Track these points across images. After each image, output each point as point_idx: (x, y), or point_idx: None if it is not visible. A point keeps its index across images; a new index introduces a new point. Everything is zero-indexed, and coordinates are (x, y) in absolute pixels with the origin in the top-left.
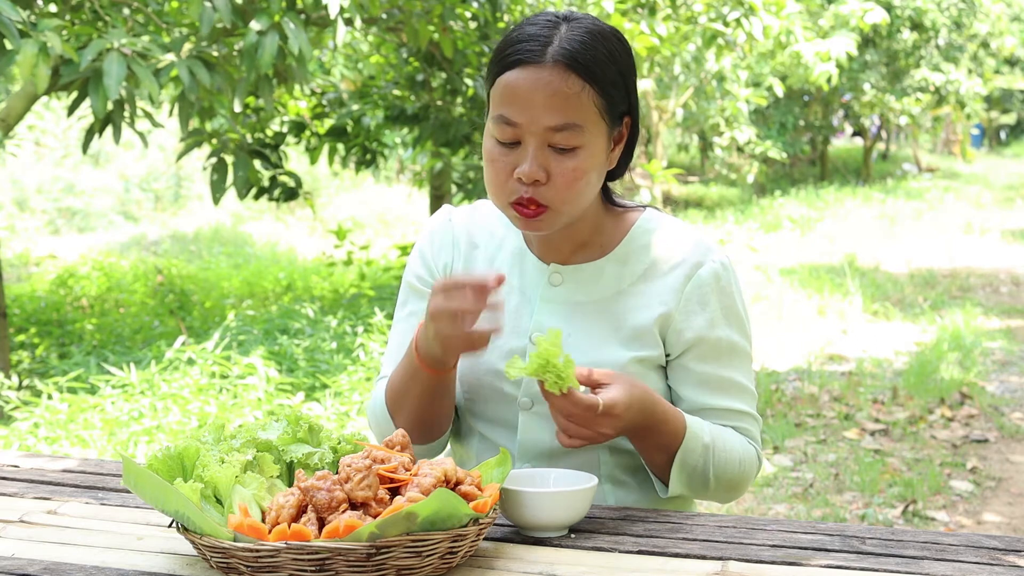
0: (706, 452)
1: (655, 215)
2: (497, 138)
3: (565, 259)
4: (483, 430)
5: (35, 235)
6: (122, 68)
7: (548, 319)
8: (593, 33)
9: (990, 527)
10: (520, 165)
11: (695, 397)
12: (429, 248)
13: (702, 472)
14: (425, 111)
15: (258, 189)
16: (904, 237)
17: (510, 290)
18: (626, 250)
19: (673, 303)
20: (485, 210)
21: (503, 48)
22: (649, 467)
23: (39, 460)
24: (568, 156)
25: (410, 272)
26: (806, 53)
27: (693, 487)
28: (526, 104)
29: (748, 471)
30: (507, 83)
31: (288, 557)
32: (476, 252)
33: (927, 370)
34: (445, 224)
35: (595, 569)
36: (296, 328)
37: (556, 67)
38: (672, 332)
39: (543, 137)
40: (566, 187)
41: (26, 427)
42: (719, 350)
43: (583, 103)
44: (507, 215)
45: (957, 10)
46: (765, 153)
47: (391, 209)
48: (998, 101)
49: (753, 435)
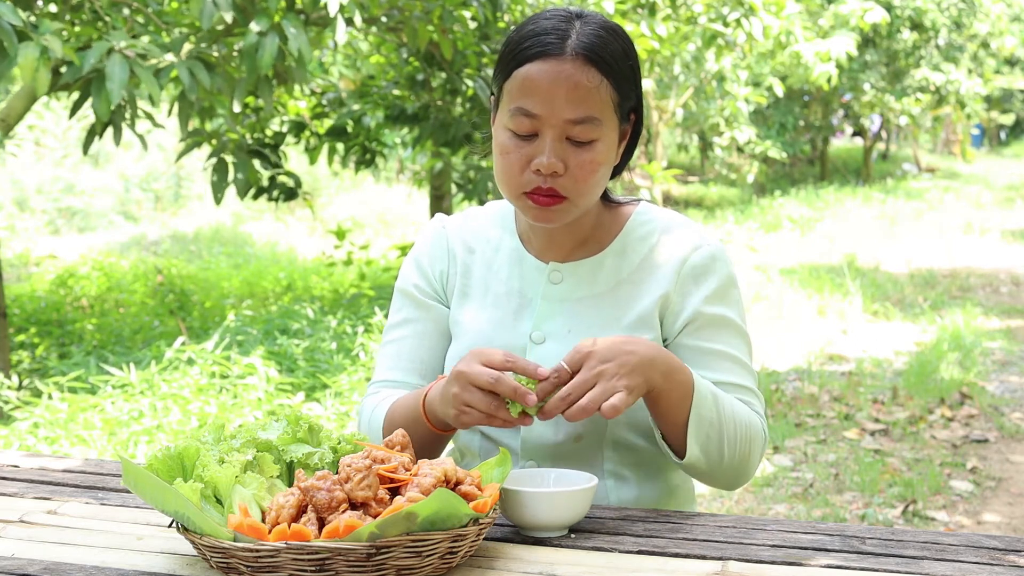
0: (716, 403)
1: (649, 207)
2: (513, 130)
3: (564, 257)
4: (485, 429)
5: (35, 235)
6: (125, 71)
7: (549, 317)
8: (607, 29)
9: (990, 527)
10: (537, 157)
11: (696, 372)
12: (426, 257)
13: (718, 426)
14: (425, 111)
15: (258, 189)
16: (904, 237)
17: (510, 291)
18: (623, 243)
19: (670, 285)
20: (478, 215)
21: (518, 42)
22: (665, 431)
23: (39, 460)
24: (585, 149)
25: (405, 280)
26: (806, 53)
27: (709, 450)
28: (547, 96)
29: (755, 438)
30: (526, 75)
31: (288, 557)
32: (473, 257)
33: (927, 370)
34: (439, 233)
35: (595, 569)
36: (296, 328)
37: (577, 60)
38: (670, 314)
39: (562, 129)
40: (583, 179)
41: (26, 427)
42: (715, 325)
43: (601, 97)
44: (519, 206)
45: (957, 10)
46: (765, 153)
47: (391, 209)
48: (998, 101)
49: (755, 407)
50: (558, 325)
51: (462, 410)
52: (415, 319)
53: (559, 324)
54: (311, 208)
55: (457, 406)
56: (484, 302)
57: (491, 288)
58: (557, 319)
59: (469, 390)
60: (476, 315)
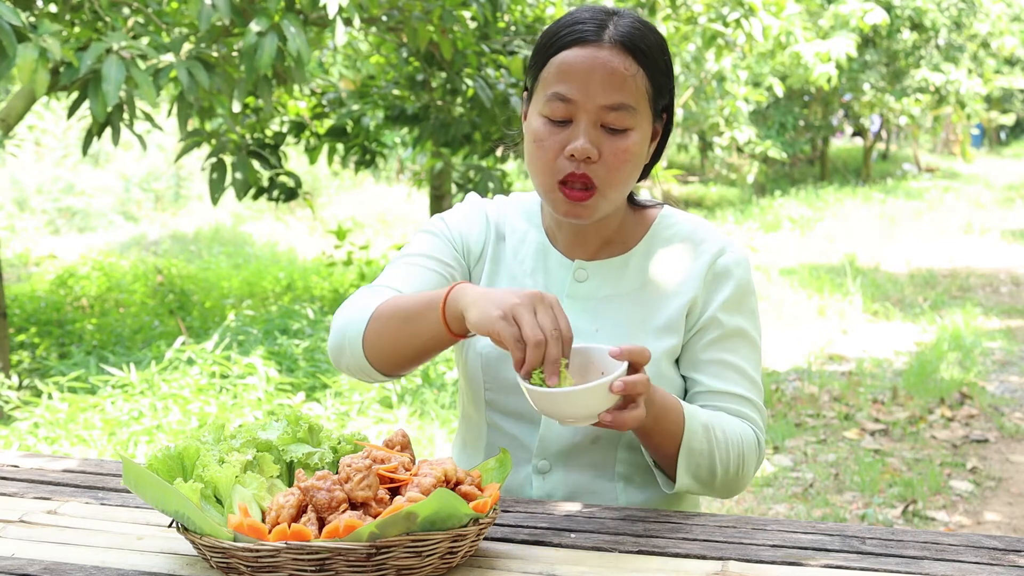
0: (707, 432)
1: (674, 211)
2: (549, 116)
3: (590, 255)
4: (501, 423)
5: (35, 235)
6: (121, 72)
7: (575, 315)
8: (643, 24)
9: (990, 527)
10: (571, 143)
11: (701, 379)
12: (464, 222)
13: (708, 456)
14: (425, 111)
15: (257, 189)
16: (904, 237)
17: (535, 287)
18: (649, 245)
19: (697, 290)
20: (509, 204)
21: (556, 31)
22: (657, 459)
23: (39, 460)
24: (619, 137)
25: (435, 227)
26: (806, 54)
27: (700, 476)
28: (584, 81)
29: (749, 455)
30: (564, 60)
31: (288, 557)
32: (502, 244)
33: (927, 370)
34: (480, 209)
35: (595, 569)
36: (296, 328)
37: (615, 47)
38: (692, 316)
39: (597, 115)
40: (616, 168)
41: (26, 427)
42: (729, 335)
43: (637, 86)
44: (550, 199)
45: (957, 10)
46: (765, 153)
47: (391, 209)
48: (998, 101)
49: (755, 422)
50: (585, 324)
51: (509, 318)
52: (436, 257)
53: (586, 323)
54: (311, 208)
55: (507, 311)
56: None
57: (517, 279)
58: (584, 318)
59: (538, 307)
60: None
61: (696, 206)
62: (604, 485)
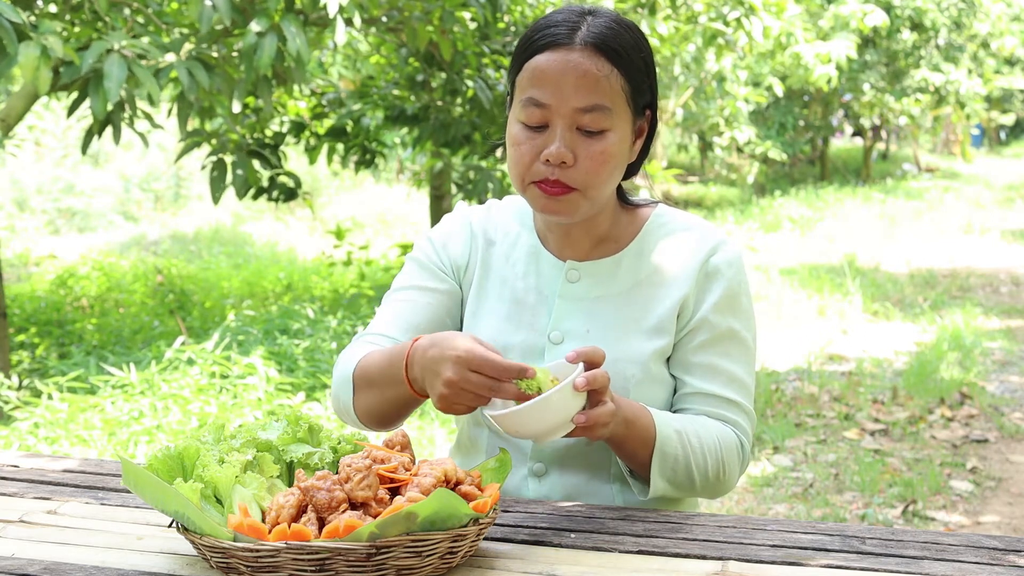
0: (681, 437)
1: (668, 210)
2: (524, 121)
3: (582, 256)
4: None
5: (35, 235)
6: (122, 70)
7: (567, 317)
8: (619, 22)
9: (990, 527)
10: (547, 147)
11: (690, 381)
12: (448, 239)
13: (684, 460)
14: (425, 111)
15: (257, 189)
16: (904, 237)
17: (527, 289)
18: (641, 244)
19: (688, 289)
20: (500, 209)
21: (530, 36)
22: (632, 467)
23: (39, 460)
24: (596, 139)
25: (422, 252)
26: (806, 54)
27: (676, 480)
28: (556, 85)
29: (729, 459)
30: (536, 66)
31: (288, 557)
32: (492, 249)
33: (927, 370)
34: (463, 220)
35: (595, 569)
36: (296, 328)
37: (585, 49)
38: (683, 316)
39: (571, 119)
40: (593, 170)
41: (26, 427)
42: (720, 338)
43: (611, 86)
44: (528, 196)
45: (957, 10)
46: (765, 153)
47: (391, 209)
48: (998, 101)
49: (740, 426)
50: (577, 325)
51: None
52: (423, 287)
53: (578, 324)
54: (311, 208)
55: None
56: (501, 297)
57: (508, 282)
58: (575, 318)
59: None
60: (493, 311)
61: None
62: (600, 487)
